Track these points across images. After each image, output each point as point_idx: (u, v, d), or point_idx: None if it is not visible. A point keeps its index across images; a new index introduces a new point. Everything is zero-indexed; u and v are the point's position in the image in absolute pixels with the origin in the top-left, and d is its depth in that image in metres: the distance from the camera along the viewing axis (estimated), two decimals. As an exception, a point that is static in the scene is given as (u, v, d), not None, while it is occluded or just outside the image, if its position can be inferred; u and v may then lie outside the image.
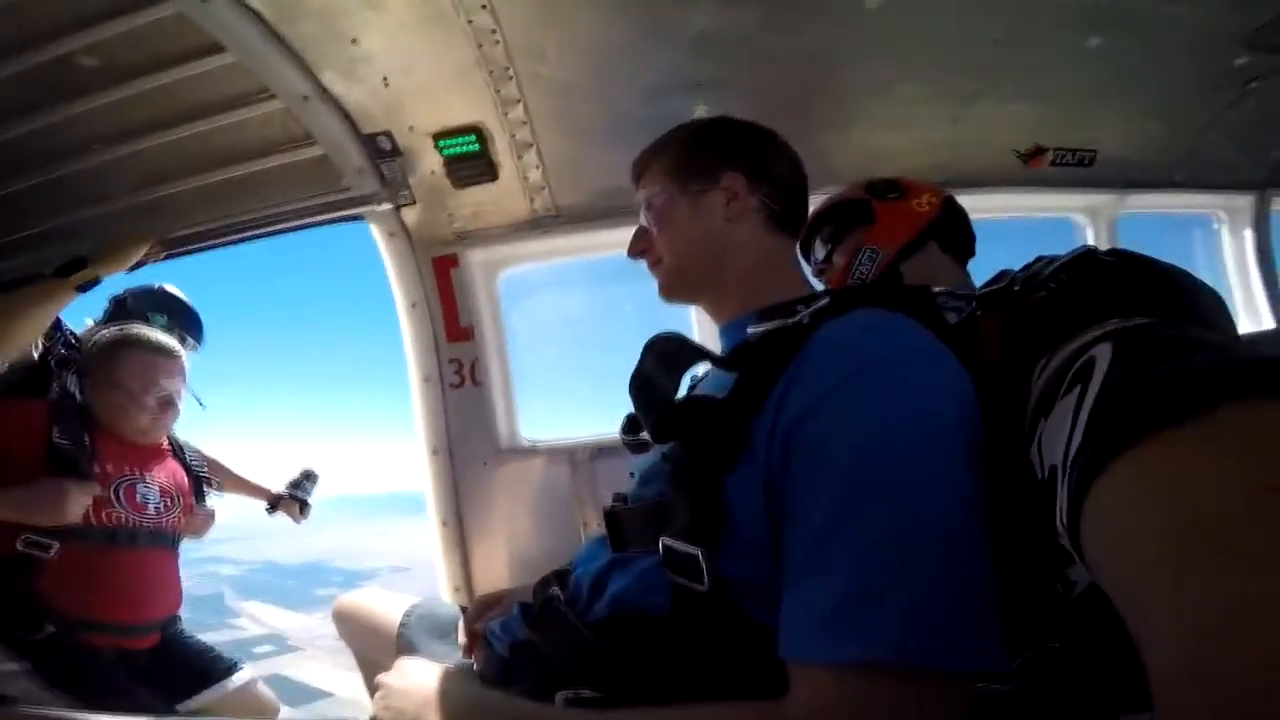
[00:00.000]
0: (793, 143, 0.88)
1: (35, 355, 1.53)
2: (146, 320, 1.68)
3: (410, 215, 1.74)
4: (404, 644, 1.11)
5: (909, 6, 1.27)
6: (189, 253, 1.74)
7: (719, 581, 0.59)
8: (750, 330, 0.69)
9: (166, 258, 1.59)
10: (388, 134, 1.60)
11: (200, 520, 1.67)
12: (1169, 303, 0.55)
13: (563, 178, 1.67)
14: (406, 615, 1.17)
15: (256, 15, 1.34)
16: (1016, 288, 0.67)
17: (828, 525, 0.52)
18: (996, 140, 1.64)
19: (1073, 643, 0.53)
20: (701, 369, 0.85)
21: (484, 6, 1.32)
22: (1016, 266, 0.74)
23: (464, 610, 1.10)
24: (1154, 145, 1.77)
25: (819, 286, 1.10)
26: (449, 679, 0.76)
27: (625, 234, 1.64)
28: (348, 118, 1.58)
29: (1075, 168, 1.70)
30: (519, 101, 1.51)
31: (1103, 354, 0.43)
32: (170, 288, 1.82)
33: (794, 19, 1.28)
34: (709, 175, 0.82)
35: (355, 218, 1.73)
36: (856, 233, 1.12)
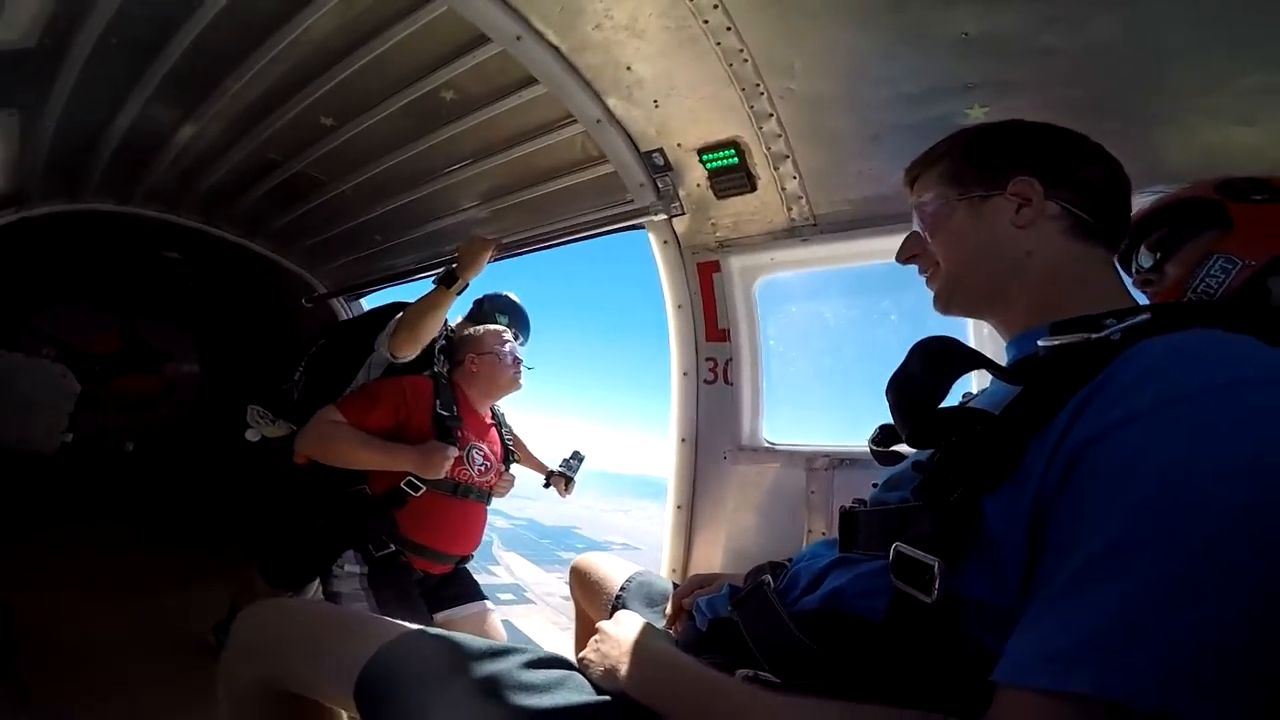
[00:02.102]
0: (1108, 143, 0.77)
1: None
2: (495, 318, 2.26)
3: (680, 224, 1.94)
4: (619, 605, 1.25)
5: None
6: (515, 255, 2.20)
7: (949, 597, 0.56)
8: (1041, 343, 0.62)
9: (501, 259, 2.03)
10: (660, 150, 1.81)
11: (506, 483, 2.09)
12: None
13: (820, 187, 1.67)
14: (628, 581, 1.31)
15: (555, 49, 1.65)
16: None
17: (1106, 552, 0.46)
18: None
19: None
20: (977, 385, 0.77)
21: (729, 29, 1.41)
22: None
23: (676, 586, 1.20)
24: None
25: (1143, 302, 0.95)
26: (649, 635, 0.82)
27: (885, 243, 1.64)
28: (629, 137, 1.83)
29: None
30: (772, 115, 1.57)
31: None
32: (512, 295, 2.38)
33: (1079, 16, 1.09)
34: (992, 180, 0.76)
35: (637, 227, 1.99)
36: (1202, 239, 0.92)
